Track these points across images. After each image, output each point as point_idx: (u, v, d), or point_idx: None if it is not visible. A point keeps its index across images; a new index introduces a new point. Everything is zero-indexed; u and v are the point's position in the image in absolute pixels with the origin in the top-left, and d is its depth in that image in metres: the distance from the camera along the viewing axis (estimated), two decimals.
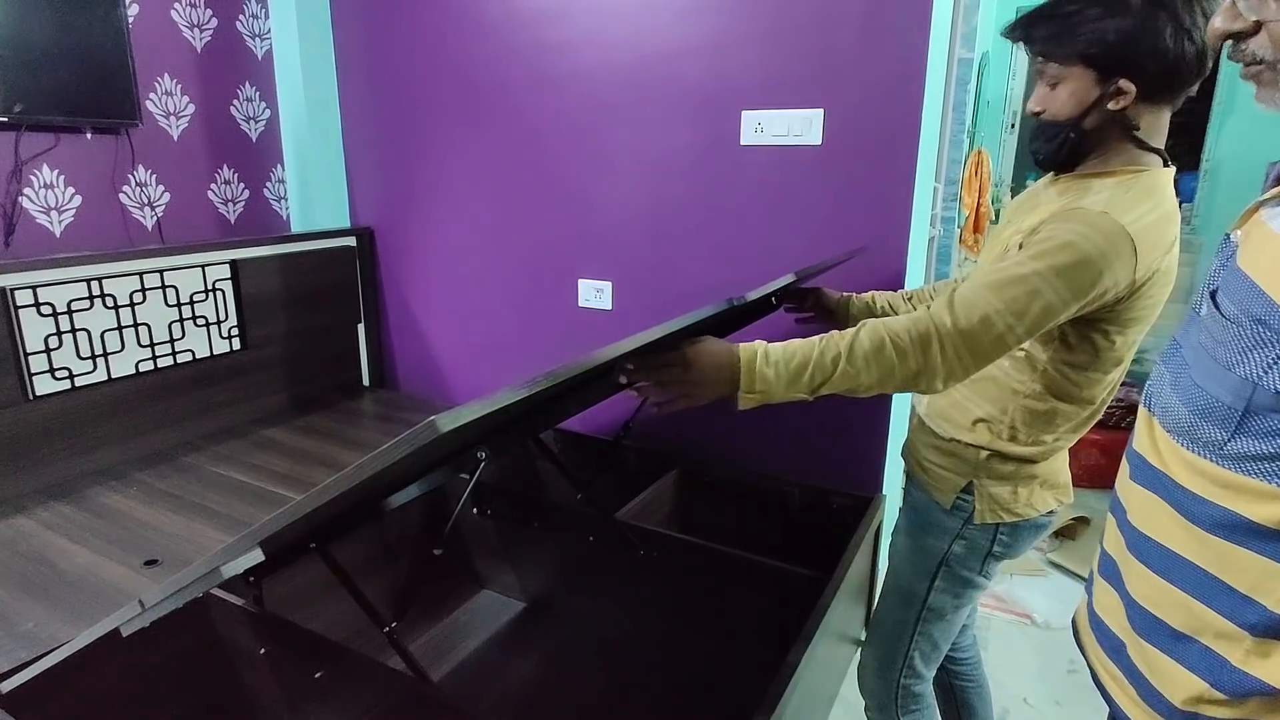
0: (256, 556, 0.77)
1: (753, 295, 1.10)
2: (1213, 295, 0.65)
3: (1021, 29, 1.02)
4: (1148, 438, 0.71)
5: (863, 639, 1.99)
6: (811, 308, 1.50)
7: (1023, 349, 1.07)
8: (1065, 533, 2.56)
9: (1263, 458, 0.58)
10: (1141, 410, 0.74)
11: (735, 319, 1.47)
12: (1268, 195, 0.63)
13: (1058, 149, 1.02)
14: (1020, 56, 3.34)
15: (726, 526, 2.05)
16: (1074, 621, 0.87)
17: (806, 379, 0.93)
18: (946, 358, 0.91)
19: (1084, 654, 0.83)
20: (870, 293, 1.50)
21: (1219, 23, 0.63)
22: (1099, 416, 1.13)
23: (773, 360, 0.93)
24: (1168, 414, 0.68)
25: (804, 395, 0.94)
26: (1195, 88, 0.98)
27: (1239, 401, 0.59)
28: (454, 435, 0.87)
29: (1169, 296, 1.06)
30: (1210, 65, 0.96)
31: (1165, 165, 1.01)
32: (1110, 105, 0.97)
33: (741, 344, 0.96)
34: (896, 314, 1.42)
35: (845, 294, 1.50)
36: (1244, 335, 0.59)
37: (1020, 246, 0.99)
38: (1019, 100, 3.48)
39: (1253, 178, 2.89)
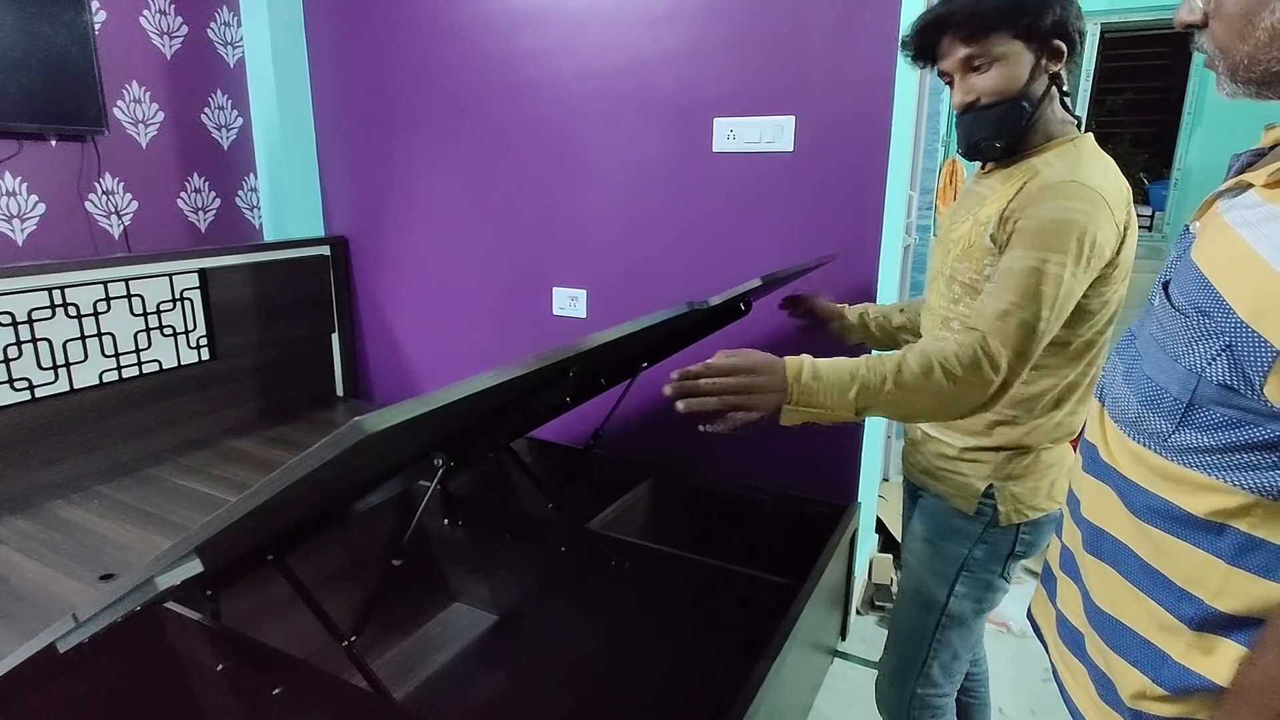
0: (195, 567, 0.74)
1: (715, 300, 1.09)
2: (1165, 286, 0.65)
3: (937, 28, 1.02)
4: (1099, 429, 0.71)
5: (838, 648, 1.98)
6: (804, 314, 1.49)
7: None
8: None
9: (1203, 450, 0.58)
10: (1094, 402, 0.74)
11: (701, 325, 1.46)
12: (1225, 186, 0.63)
13: (1016, 123, 1.02)
14: None
15: (702, 535, 2.03)
16: (1031, 616, 0.87)
17: (853, 396, 0.90)
18: (1000, 374, 0.92)
19: (1047, 651, 0.83)
20: (862, 305, 1.48)
21: (1179, 14, 0.65)
22: (1098, 378, 1.12)
23: (821, 373, 0.91)
24: (1117, 405, 0.68)
25: (849, 415, 0.92)
26: None
27: (1184, 393, 0.59)
28: (401, 440, 0.86)
29: (1130, 302, 1.06)
30: None
31: (1082, 130, 1.06)
32: (1051, 67, 1.00)
33: (786, 357, 0.93)
34: (892, 325, 1.42)
35: (840, 304, 1.49)
36: (1190, 327, 0.59)
37: (993, 240, 1.01)
38: None
39: None
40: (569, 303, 2.18)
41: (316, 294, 2.51)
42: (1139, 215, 3.43)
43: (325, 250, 2.51)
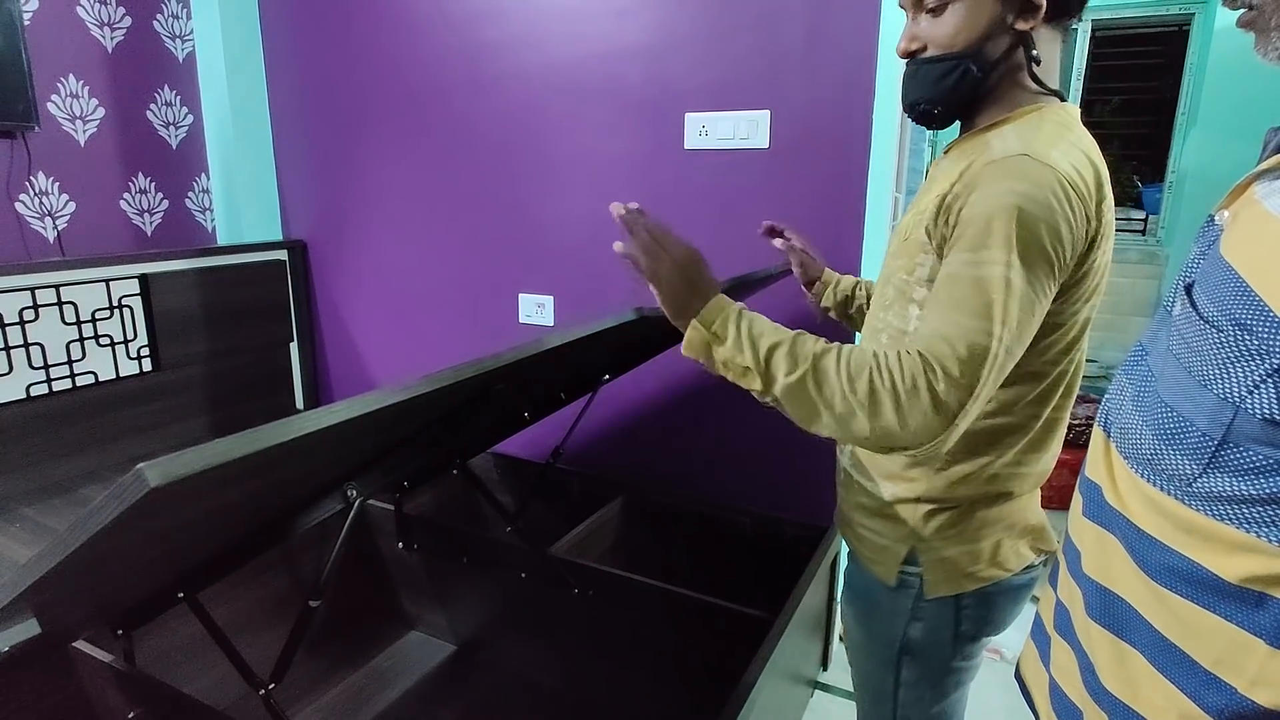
0: (30, 628, 0.62)
1: None
2: (1188, 290, 0.52)
3: None
4: (1104, 466, 0.58)
5: (819, 679, 1.86)
6: (793, 258, 1.35)
7: None
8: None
9: (1239, 500, 0.46)
10: (1097, 432, 0.61)
11: (667, 336, 1.34)
12: (1265, 165, 0.51)
13: (955, 89, 0.83)
14: None
15: (674, 558, 1.91)
16: (1020, 675, 0.74)
17: (765, 348, 0.76)
18: (943, 410, 0.70)
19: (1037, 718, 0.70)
20: (851, 278, 1.34)
21: None
22: (1062, 428, 0.93)
23: (743, 311, 0.80)
24: (1127, 437, 0.55)
25: (747, 366, 0.77)
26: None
27: (1215, 427, 0.47)
28: (286, 472, 0.74)
29: (1113, 310, 0.93)
30: None
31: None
32: (1019, 24, 0.80)
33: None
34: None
35: (833, 274, 1.35)
36: (1224, 344, 0.47)
37: (928, 234, 0.82)
38: None
39: (1218, 189, 2.83)
40: (536, 310, 2.06)
41: (273, 301, 2.38)
42: (1132, 219, 3.33)
43: (282, 255, 2.38)
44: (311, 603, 1.01)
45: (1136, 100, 3.32)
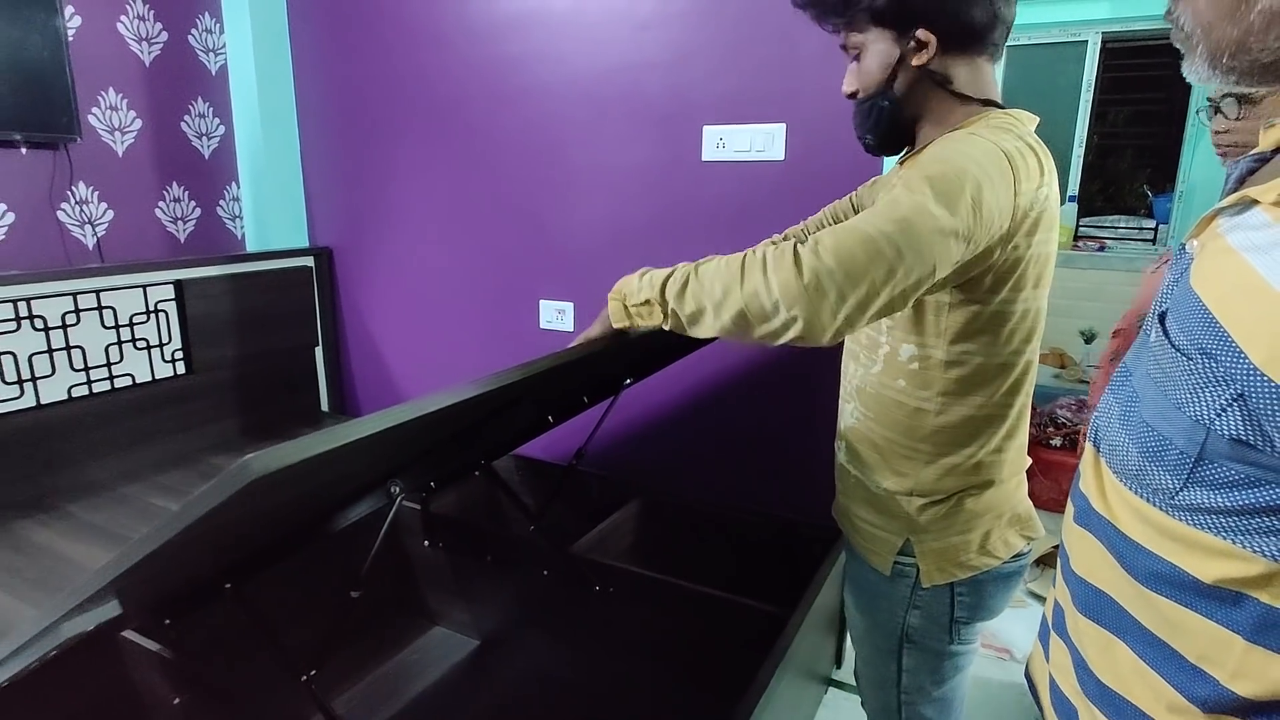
0: (112, 609, 0.68)
1: None
2: (1161, 318, 0.56)
3: (799, 5, 0.94)
4: (1094, 478, 0.63)
5: (832, 676, 1.90)
6: None
7: (916, 358, 0.93)
8: (1046, 561, 2.48)
9: (1215, 511, 0.50)
10: (1088, 447, 0.66)
11: (684, 341, 1.39)
12: (1226, 202, 0.54)
13: (877, 124, 0.91)
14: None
15: (691, 558, 1.96)
16: (1029, 675, 0.79)
17: (661, 279, 0.87)
18: (807, 270, 0.72)
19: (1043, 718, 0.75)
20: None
21: None
22: (1028, 414, 0.99)
23: (649, 270, 0.91)
24: (1115, 453, 0.60)
25: (650, 299, 0.88)
26: (1006, 34, 0.90)
27: (1191, 446, 0.51)
28: (343, 468, 0.79)
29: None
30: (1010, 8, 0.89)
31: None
32: (914, 61, 0.87)
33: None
34: None
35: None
36: (1194, 370, 0.50)
37: None
38: None
39: None
40: (556, 316, 2.12)
41: (300, 306, 2.44)
42: (1143, 228, 3.36)
43: (309, 261, 2.45)
44: (353, 594, 1.06)
45: (1147, 111, 3.35)
